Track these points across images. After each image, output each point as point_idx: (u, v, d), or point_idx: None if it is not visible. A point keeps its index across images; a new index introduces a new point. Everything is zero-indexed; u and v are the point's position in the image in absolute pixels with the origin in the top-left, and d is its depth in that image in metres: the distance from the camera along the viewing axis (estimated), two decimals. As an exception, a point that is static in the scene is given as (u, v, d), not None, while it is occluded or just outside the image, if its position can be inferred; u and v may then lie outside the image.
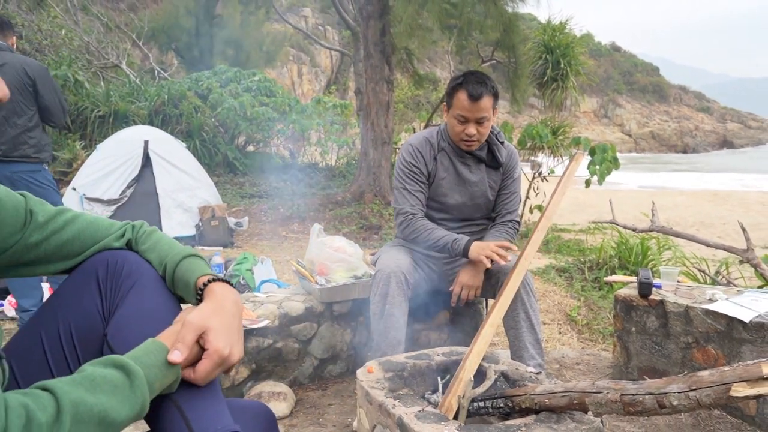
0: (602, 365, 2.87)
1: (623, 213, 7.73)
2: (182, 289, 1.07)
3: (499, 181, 2.54)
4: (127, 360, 0.84)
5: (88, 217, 1.12)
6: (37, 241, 1.04)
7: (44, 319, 1.03)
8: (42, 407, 0.70)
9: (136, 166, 6.47)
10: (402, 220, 2.46)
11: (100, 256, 1.07)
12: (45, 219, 1.05)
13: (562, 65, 9.43)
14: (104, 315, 1.01)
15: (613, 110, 51.79)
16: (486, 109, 2.33)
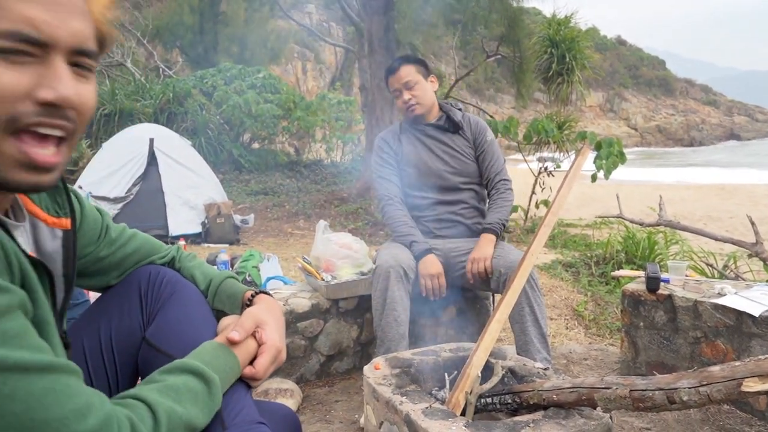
0: (610, 360, 2.86)
1: (630, 207, 7.69)
2: (225, 300, 1.15)
3: (471, 146, 2.64)
4: (203, 367, 0.87)
5: (143, 235, 1.19)
6: (105, 254, 1.10)
7: (86, 325, 1.07)
8: (141, 419, 0.73)
9: (141, 164, 6.48)
10: (383, 205, 2.64)
11: (142, 269, 1.12)
12: (116, 235, 1.11)
13: (567, 59, 9.37)
14: (143, 323, 1.05)
15: (619, 104, 51.55)
16: (407, 74, 2.54)
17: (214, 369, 0.88)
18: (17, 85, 0.66)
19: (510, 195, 2.60)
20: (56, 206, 0.93)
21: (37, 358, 0.64)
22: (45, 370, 0.64)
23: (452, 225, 2.59)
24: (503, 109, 37.78)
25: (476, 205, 2.64)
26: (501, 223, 2.50)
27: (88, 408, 0.67)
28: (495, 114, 13.04)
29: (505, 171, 2.64)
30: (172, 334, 1.01)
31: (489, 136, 2.66)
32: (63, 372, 0.67)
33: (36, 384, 0.63)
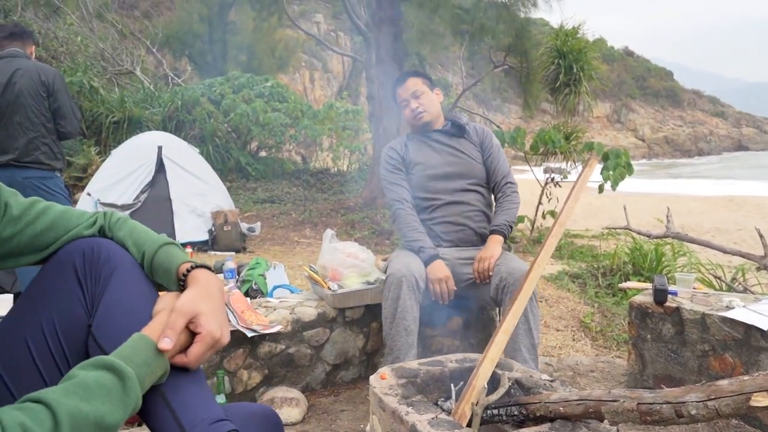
0: (617, 373, 2.84)
1: (637, 218, 7.67)
2: (161, 276, 1.08)
3: (477, 149, 2.71)
4: (117, 362, 0.83)
5: (59, 207, 1.10)
6: (10, 234, 1.03)
7: (24, 316, 1.01)
8: (39, 422, 0.70)
9: (149, 172, 6.51)
10: (395, 209, 2.66)
11: (74, 244, 1.05)
12: (19, 212, 1.04)
13: (574, 70, 9.37)
14: (87, 305, 1.00)
15: (627, 115, 51.44)
16: (414, 85, 2.68)
17: (132, 364, 0.85)
18: None
19: (516, 198, 2.66)
20: None
21: None
22: None
23: (459, 229, 2.60)
24: (510, 119, 37.79)
25: (483, 209, 2.66)
26: (508, 225, 2.57)
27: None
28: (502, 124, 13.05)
29: (510, 174, 2.71)
30: (112, 327, 0.96)
31: (495, 141, 2.74)
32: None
33: None
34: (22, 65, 3.26)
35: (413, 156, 2.70)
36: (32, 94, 3.24)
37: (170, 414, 0.89)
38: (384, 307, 2.35)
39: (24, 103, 3.22)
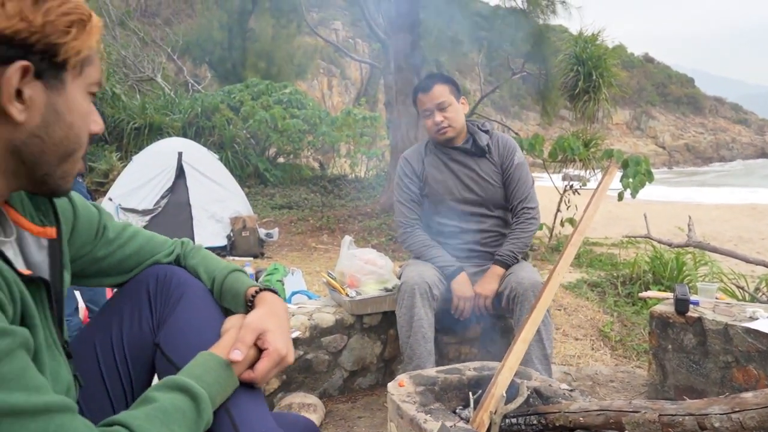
0: (637, 383, 2.81)
1: (657, 227, 7.58)
2: (230, 300, 1.12)
3: (498, 171, 2.56)
4: (192, 383, 0.86)
5: (146, 234, 1.18)
6: (103, 255, 1.09)
7: (100, 327, 1.08)
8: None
9: (170, 178, 6.59)
10: (401, 233, 2.60)
11: (150, 269, 1.12)
12: (114, 234, 1.11)
13: (594, 77, 9.32)
14: (153, 326, 1.06)
15: (647, 122, 50.96)
16: (441, 95, 2.46)
17: (204, 383, 0.88)
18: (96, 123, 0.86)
19: (531, 225, 2.53)
20: (40, 214, 0.92)
21: (32, 401, 0.64)
22: (38, 413, 0.65)
23: (477, 255, 2.57)
24: (528, 126, 37.63)
25: (502, 231, 2.60)
26: (513, 256, 2.47)
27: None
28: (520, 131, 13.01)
29: (530, 197, 2.56)
30: (180, 343, 1.02)
31: (517, 158, 2.56)
32: (57, 411, 0.67)
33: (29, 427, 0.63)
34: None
35: (430, 175, 2.57)
36: None
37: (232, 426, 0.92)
38: (399, 315, 2.35)
39: None
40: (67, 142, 0.80)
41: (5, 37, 0.69)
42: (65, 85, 0.77)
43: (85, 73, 0.80)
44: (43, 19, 0.72)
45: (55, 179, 0.82)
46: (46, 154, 0.78)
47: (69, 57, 0.76)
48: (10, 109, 0.71)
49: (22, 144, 0.75)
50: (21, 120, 0.73)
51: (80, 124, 0.81)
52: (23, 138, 0.75)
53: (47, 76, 0.75)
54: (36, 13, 0.71)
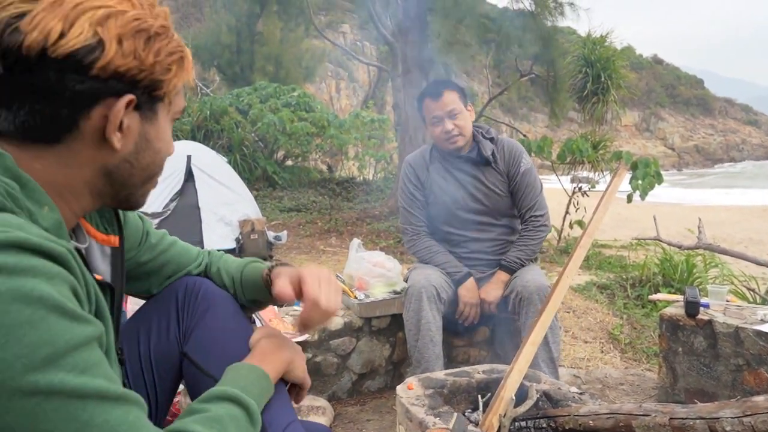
0: (647, 386, 2.79)
1: (666, 229, 7.54)
2: (251, 289, 1.15)
3: (504, 180, 2.52)
4: (242, 395, 0.88)
5: (183, 243, 1.22)
6: (147, 259, 1.13)
7: (128, 334, 1.10)
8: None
9: (179, 181, 6.61)
10: (407, 239, 2.59)
11: (180, 280, 1.15)
12: (156, 240, 1.14)
13: (602, 78, 9.28)
14: (180, 335, 1.08)
15: (656, 124, 50.70)
16: (451, 102, 2.41)
17: (251, 394, 0.90)
18: None
19: (540, 232, 2.51)
20: (105, 222, 0.96)
21: (113, 388, 0.66)
22: (120, 400, 0.67)
23: (484, 262, 2.56)
24: (536, 128, 37.54)
25: (509, 238, 2.59)
26: (520, 262, 2.46)
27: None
28: (528, 133, 12.95)
29: (538, 204, 2.52)
30: (210, 351, 1.04)
31: (523, 165, 2.51)
32: (134, 404, 0.69)
33: (112, 413, 0.65)
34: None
35: (434, 184, 2.55)
36: None
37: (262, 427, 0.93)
38: (406, 319, 2.35)
39: None
40: (153, 166, 0.86)
41: (119, 74, 0.74)
42: (158, 116, 0.83)
43: (174, 104, 0.86)
44: (153, 59, 0.77)
45: (136, 197, 0.89)
46: (133, 177, 0.84)
47: (169, 92, 0.82)
48: (113, 138, 0.77)
49: (115, 168, 0.81)
50: (119, 147, 0.78)
51: (165, 149, 0.87)
52: (116, 163, 0.81)
53: (144, 108, 0.80)
54: (148, 52, 0.76)
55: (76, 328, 0.64)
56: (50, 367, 0.61)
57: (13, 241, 0.61)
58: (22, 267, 0.61)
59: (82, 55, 0.70)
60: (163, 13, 0.81)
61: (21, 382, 0.59)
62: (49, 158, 0.75)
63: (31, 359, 0.59)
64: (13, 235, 0.62)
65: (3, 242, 0.61)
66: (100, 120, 0.75)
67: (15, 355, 0.59)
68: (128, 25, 0.74)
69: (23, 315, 0.60)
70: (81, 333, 0.65)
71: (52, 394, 0.60)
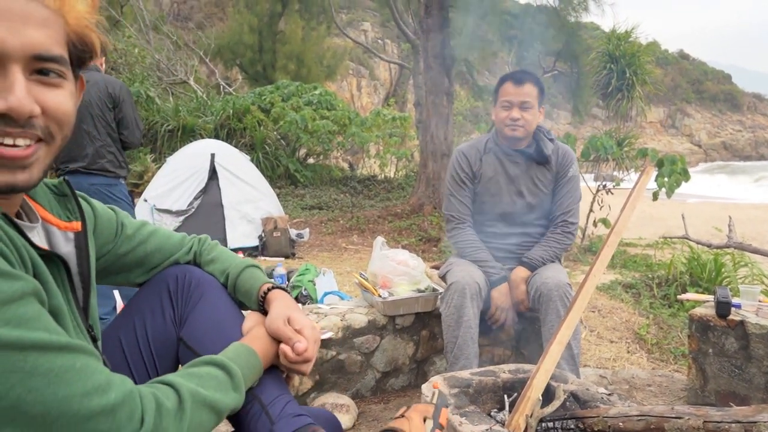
0: (676, 387, 2.74)
1: (693, 227, 7.41)
2: (243, 295, 1.19)
3: (552, 181, 2.53)
4: (226, 360, 0.94)
5: (165, 231, 1.24)
6: (125, 251, 1.15)
7: (123, 325, 1.14)
8: (167, 396, 0.80)
9: (203, 179, 6.68)
10: (450, 227, 2.58)
11: (169, 270, 1.19)
12: (132, 231, 1.17)
13: (627, 74, 9.16)
14: (176, 322, 1.13)
15: (682, 120, 49.83)
16: (529, 95, 2.42)
17: (236, 363, 0.95)
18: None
19: (567, 238, 2.51)
20: (67, 212, 0.99)
21: (54, 339, 0.68)
22: (63, 349, 0.68)
23: (515, 257, 2.55)
24: (559, 125, 37.16)
25: (540, 239, 2.58)
26: (542, 262, 2.45)
27: (109, 384, 0.72)
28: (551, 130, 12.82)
29: (573, 212, 2.53)
30: (204, 336, 1.09)
31: (572, 171, 2.54)
32: (81, 352, 0.71)
33: (55, 362, 0.67)
34: (92, 77, 3.40)
35: (486, 176, 2.54)
36: (100, 104, 3.37)
37: (261, 408, 1.00)
38: (445, 314, 2.34)
39: (92, 113, 3.36)
40: None
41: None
42: None
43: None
44: None
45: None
46: None
47: None
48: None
49: None
50: None
51: None
52: None
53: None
54: None
55: (4, 284, 0.66)
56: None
57: None
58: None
59: None
60: None
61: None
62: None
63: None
64: None
65: None
66: None
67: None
68: None
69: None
70: (10, 288, 0.66)
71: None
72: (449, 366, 2.32)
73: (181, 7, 27.36)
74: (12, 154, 0.74)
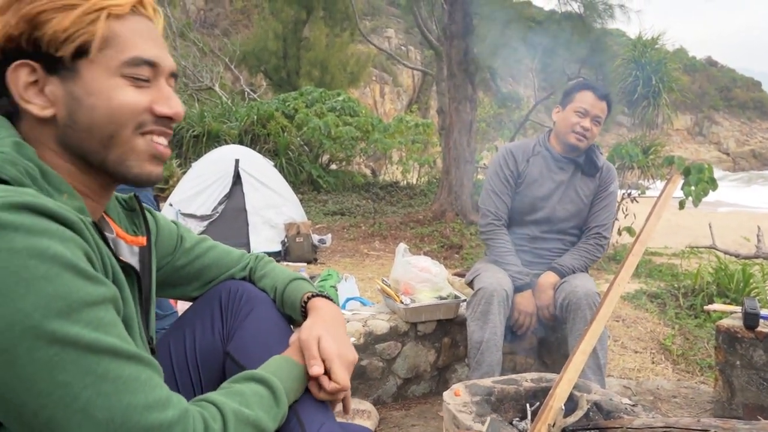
0: (702, 400, 2.70)
1: (721, 237, 7.28)
2: (289, 308, 1.18)
3: (593, 193, 2.55)
4: (268, 376, 0.92)
5: (223, 247, 1.26)
6: (183, 264, 1.18)
7: (174, 334, 1.16)
8: (213, 417, 0.79)
9: (227, 184, 6.76)
10: (485, 223, 2.57)
11: (223, 284, 1.19)
12: (191, 245, 1.19)
13: (653, 82, 9.07)
14: (224, 336, 1.13)
15: (709, 128, 48.97)
16: (603, 111, 2.47)
17: (278, 377, 0.93)
18: (140, 102, 0.84)
19: (598, 251, 2.52)
20: (134, 227, 1.03)
21: (125, 347, 0.70)
22: (132, 359, 0.70)
23: (545, 263, 2.55)
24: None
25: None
26: (572, 270, 2.45)
27: (168, 401, 0.73)
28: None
29: (608, 227, 2.56)
30: (250, 350, 1.08)
31: (613, 187, 2.58)
32: (147, 365, 0.73)
33: (124, 370, 0.69)
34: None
35: (531, 177, 2.54)
36: None
37: (298, 424, 0.96)
38: (471, 319, 2.34)
39: None
40: (96, 125, 0.82)
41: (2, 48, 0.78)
42: (80, 73, 0.81)
43: (103, 57, 0.81)
44: (16, 18, 0.77)
45: (113, 165, 0.85)
46: (84, 141, 0.83)
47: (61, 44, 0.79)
48: (28, 107, 0.80)
49: (64, 137, 0.82)
50: (46, 115, 0.80)
51: (104, 105, 0.82)
52: (62, 132, 0.82)
53: (59, 69, 0.80)
54: (10, 15, 0.78)
55: (89, 286, 0.69)
56: (66, 320, 0.65)
57: (29, 203, 0.67)
58: (38, 228, 0.66)
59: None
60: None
61: (39, 330, 0.63)
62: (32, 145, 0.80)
63: (48, 310, 0.64)
64: (29, 199, 0.67)
65: (20, 204, 0.66)
66: None
67: (33, 306, 0.63)
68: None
69: (39, 270, 0.64)
70: (94, 292, 0.69)
71: (68, 345, 0.65)
72: (471, 371, 2.32)
73: (207, 14, 27.76)
74: (167, 152, 0.90)
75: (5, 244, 0.64)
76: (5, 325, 0.62)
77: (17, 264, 0.63)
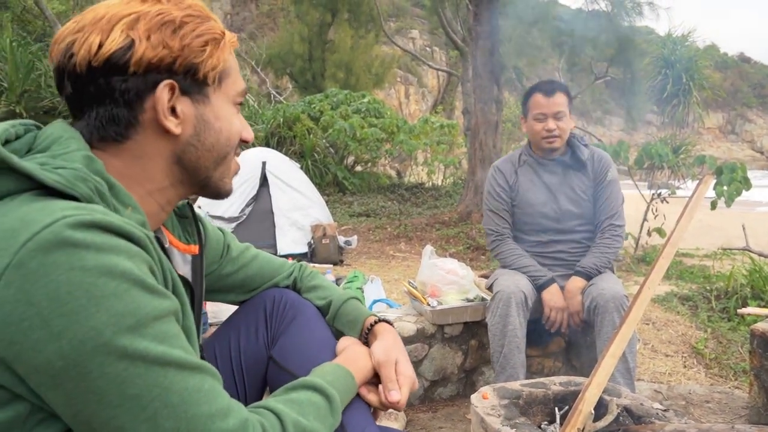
0: (736, 405, 2.64)
1: (755, 238, 7.09)
2: (345, 324, 1.21)
3: (591, 186, 2.53)
4: (326, 385, 0.93)
5: (267, 256, 1.29)
6: (228, 272, 1.21)
7: (220, 337, 1.19)
8: (272, 425, 0.80)
9: (254, 186, 6.82)
10: (491, 241, 2.62)
11: (268, 291, 1.23)
12: (237, 253, 1.23)
13: (684, 80, 8.90)
14: (268, 341, 1.16)
15: (742, 125, 47.86)
16: (561, 104, 2.45)
17: (334, 387, 0.94)
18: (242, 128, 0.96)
19: (616, 242, 2.49)
20: (186, 234, 1.06)
21: (189, 359, 0.72)
22: (195, 370, 0.72)
23: (565, 264, 2.54)
24: (611, 131, 36.24)
25: (589, 244, 2.57)
26: (596, 269, 2.43)
27: (230, 409, 0.74)
28: (602, 137, 12.52)
29: (618, 215, 2.52)
30: (295, 355, 1.10)
31: (610, 174, 2.54)
32: (209, 375, 0.75)
33: (189, 381, 0.71)
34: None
35: (522, 189, 2.57)
36: None
37: (340, 427, 0.97)
38: (491, 323, 2.34)
39: None
40: (218, 146, 0.91)
41: (153, 65, 0.82)
42: (209, 98, 0.89)
43: (225, 86, 0.91)
44: (180, 44, 0.83)
45: (215, 180, 0.94)
46: (201, 159, 0.90)
47: (207, 72, 0.87)
48: (167, 123, 0.84)
49: (182, 153, 0.88)
50: (177, 132, 0.86)
51: (227, 129, 0.91)
52: (182, 147, 0.88)
53: (192, 92, 0.87)
54: (175, 39, 0.83)
55: (155, 300, 0.71)
56: (135, 335, 0.67)
57: (99, 221, 0.69)
58: (107, 246, 0.68)
59: (117, 57, 0.79)
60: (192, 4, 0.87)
61: (110, 347, 0.66)
62: (125, 155, 0.84)
63: (118, 327, 0.66)
64: (99, 217, 0.70)
65: (90, 222, 0.68)
66: (153, 111, 0.83)
67: (104, 323, 0.66)
68: (153, 20, 0.81)
69: (109, 287, 0.67)
70: (160, 305, 0.71)
71: (137, 360, 0.67)
72: (496, 376, 2.32)
73: (234, 18, 28.12)
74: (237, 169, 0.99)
75: (78, 263, 0.66)
76: (78, 342, 0.65)
77: (89, 282, 0.66)
